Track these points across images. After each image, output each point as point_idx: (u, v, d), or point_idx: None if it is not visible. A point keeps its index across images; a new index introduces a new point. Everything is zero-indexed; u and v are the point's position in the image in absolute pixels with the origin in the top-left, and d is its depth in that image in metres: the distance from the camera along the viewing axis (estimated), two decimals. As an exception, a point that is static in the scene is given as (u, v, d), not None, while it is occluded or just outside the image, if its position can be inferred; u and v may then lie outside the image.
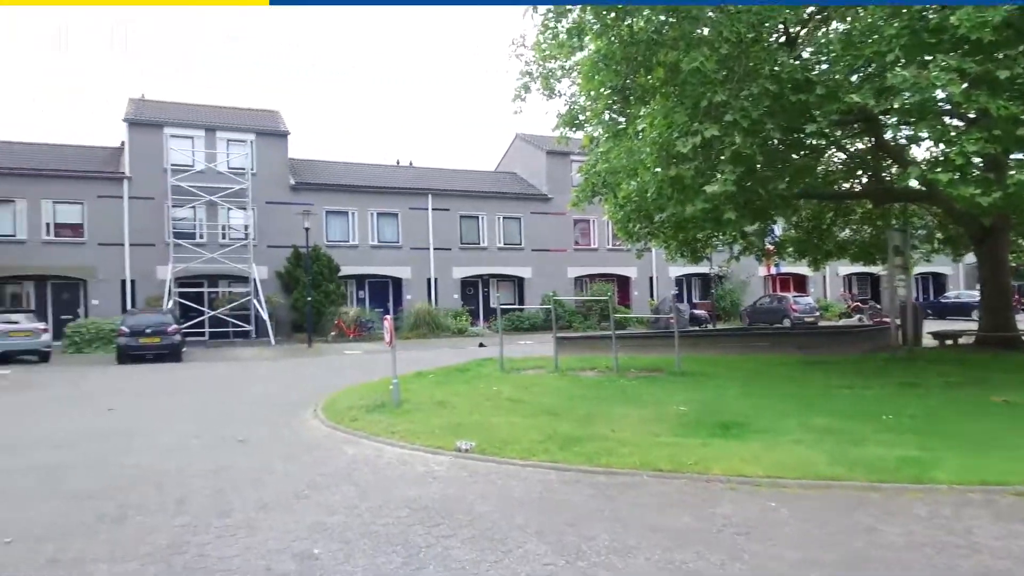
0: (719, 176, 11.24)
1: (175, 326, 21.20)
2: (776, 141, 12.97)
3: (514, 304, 33.23)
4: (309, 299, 25.89)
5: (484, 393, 11.61)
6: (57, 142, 29.92)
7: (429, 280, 31.90)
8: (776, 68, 11.19)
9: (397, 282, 31.84)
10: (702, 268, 28.13)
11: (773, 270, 34.82)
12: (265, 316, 26.78)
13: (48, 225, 26.02)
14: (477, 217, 33.30)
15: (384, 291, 32.09)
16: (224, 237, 28.25)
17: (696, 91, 11.20)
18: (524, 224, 34.24)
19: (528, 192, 35.13)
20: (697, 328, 29.27)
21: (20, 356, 20.21)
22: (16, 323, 20.38)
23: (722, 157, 11.09)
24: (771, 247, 20.99)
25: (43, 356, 20.53)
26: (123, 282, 26.70)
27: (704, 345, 19.22)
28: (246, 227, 28.33)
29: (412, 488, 6.39)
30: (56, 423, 10.40)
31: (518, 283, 34.67)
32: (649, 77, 12.65)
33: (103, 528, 5.35)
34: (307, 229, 25.86)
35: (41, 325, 21.11)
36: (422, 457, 7.61)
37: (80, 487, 6.59)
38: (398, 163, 37.06)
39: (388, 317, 10.79)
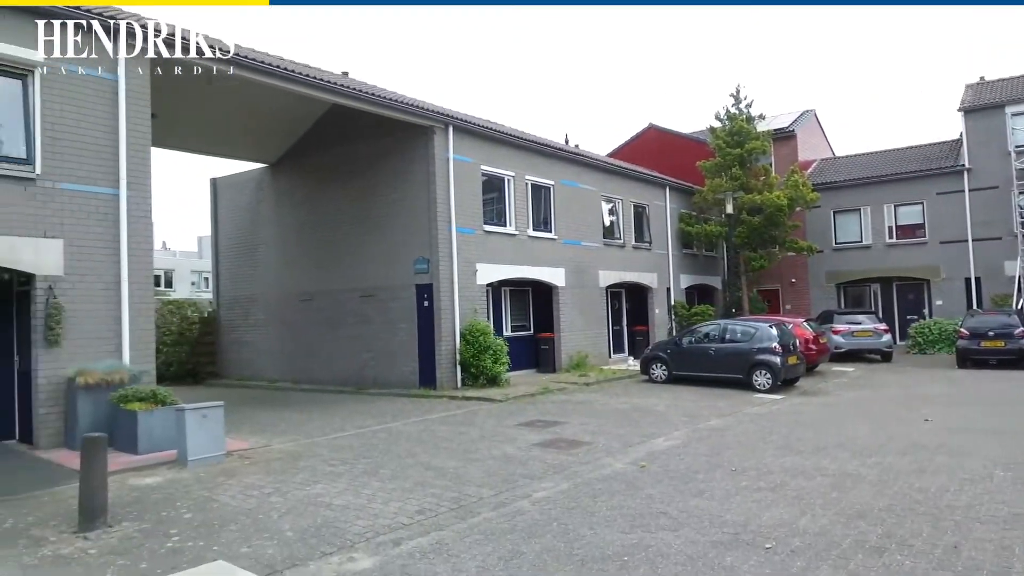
0: None
1: (1022, 329, 18.60)
2: None
3: None
4: None
5: None
6: (893, 147, 30.73)
7: None
8: None
9: None
10: None
11: None
12: None
13: (890, 228, 27.09)
14: None
15: None
16: (1092, 220, 23.17)
17: None
18: None
19: None
20: None
21: (865, 354, 21.68)
22: (859, 323, 21.97)
23: None
24: None
25: (885, 355, 21.49)
26: (967, 280, 25.24)
27: None
28: (1125, 204, 22.48)
29: None
30: (871, 426, 10.60)
31: None
32: None
33: (856, 559, 5.09)
34: None
35: (882, 326, 22.09)
36: None
37: (857, 502, 6.51)
38: None
39: None
